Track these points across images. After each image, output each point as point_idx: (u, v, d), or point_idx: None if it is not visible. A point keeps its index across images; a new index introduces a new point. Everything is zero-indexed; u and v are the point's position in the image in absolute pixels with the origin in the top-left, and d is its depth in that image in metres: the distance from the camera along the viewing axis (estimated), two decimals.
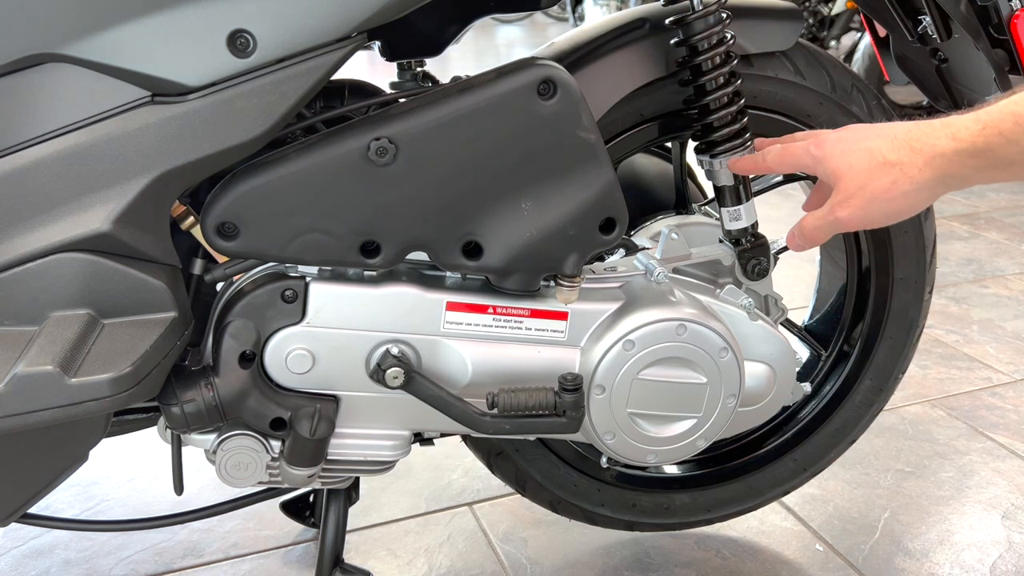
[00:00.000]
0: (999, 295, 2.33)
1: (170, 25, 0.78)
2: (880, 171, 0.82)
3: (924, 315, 1.25)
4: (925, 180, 0.80)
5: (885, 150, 0.82)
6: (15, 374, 0.74)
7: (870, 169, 0.83)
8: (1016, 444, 1.64)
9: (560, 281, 0.95)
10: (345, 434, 0.98)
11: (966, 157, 0.78)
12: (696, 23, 1.00)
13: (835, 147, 0.87)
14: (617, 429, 1.00)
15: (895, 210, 0.83)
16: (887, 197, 0.82)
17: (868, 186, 0.83)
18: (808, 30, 4.66)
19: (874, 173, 0.83)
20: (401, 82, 1.03)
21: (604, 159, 0.91)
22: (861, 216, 0.85)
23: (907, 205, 0.83)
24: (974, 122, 0.77)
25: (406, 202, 0.87)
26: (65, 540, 1.39)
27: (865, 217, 0.85)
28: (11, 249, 0.79)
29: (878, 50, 1.21)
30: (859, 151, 0.84)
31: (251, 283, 0.92)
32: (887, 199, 0.82)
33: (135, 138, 0.79)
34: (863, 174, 0.83)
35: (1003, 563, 1.34)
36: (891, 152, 0.82)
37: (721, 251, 1.09)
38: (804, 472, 1.31)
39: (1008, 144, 0.75)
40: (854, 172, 0.84)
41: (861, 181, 0.83)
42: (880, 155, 0.83)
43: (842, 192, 0.85)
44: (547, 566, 1.33)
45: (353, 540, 1.38)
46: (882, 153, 0.82)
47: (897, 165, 0.81)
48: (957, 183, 0.81)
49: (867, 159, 0.83)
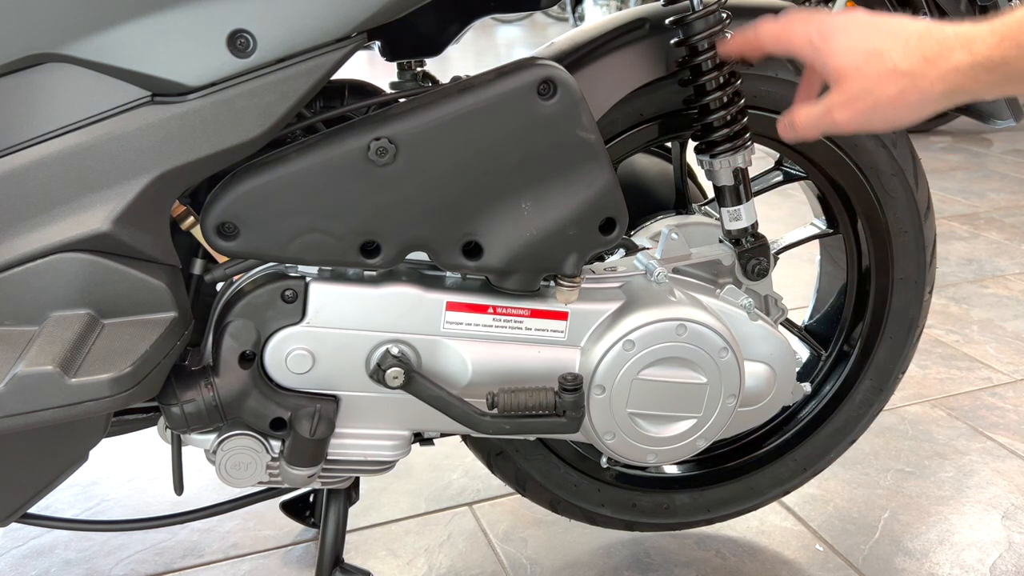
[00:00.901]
0: (999, 295, 2.33)
1: (170, 25, 0.78)
2: (889, 79, 0.78)
3: (924, 315, 1.25)
4: (935, 93, 0.77)
5: (896, 57, 0.77)
6: (15, 374, 0.74)
7: (878, 75, 0.78)
8: (1016, 444, 1.64)
9: (560, 281, 0.95)
10: (345, 434, 0.98)
11: (981, 71, 0.74)
12: (696, 23, 1.00)
13: (840, 41, 0.81)
14: (617, 429, 1.00)
15: (899, 118, 0.80)
16: (893, 106, 0.78)
17: (874, 92, 0.79)
18: None
19: (882, 79, 0.78)
20: (401, 82, 1.03)
21: (604, 159, 0.91)
22: (861, 121, 0.81)
23: (911, 115, 0.79)
24: (990, 34, 0.73)
25: (406, 202, 0.87)
26: (65, 540, 1.39)
27: (865, 123, 0.81)
28: (11, 249, 0.79)
29: None
30: (867, 52, 0.79)
31: (251, 283, 0.92)
32: (893, 107, 0.79)
33: (135, 138, 0.79)
34: (870, 79, 0.79)
35: (1003, 563, 1.34)
36: (903, 60, 0.77)
37: (721, 251, 1.09)
38: (804, 472, 1.31)
39: None
40: (860, 75, 0.79)
41: (867, 85, 0.79)
42: (891, 61, 0.78)
43: (844, 93, 0.81)
44: (547, 566, 1.33)
45: (353, 540, 1.38)
46: (893, 60, 0.78)
47: (908, 75, 0.77)
48: (967, 96, 0.77)
49: (876, 63, 0.78)
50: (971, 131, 4.08)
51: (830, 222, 1.24)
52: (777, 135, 1.13)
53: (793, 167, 1.21)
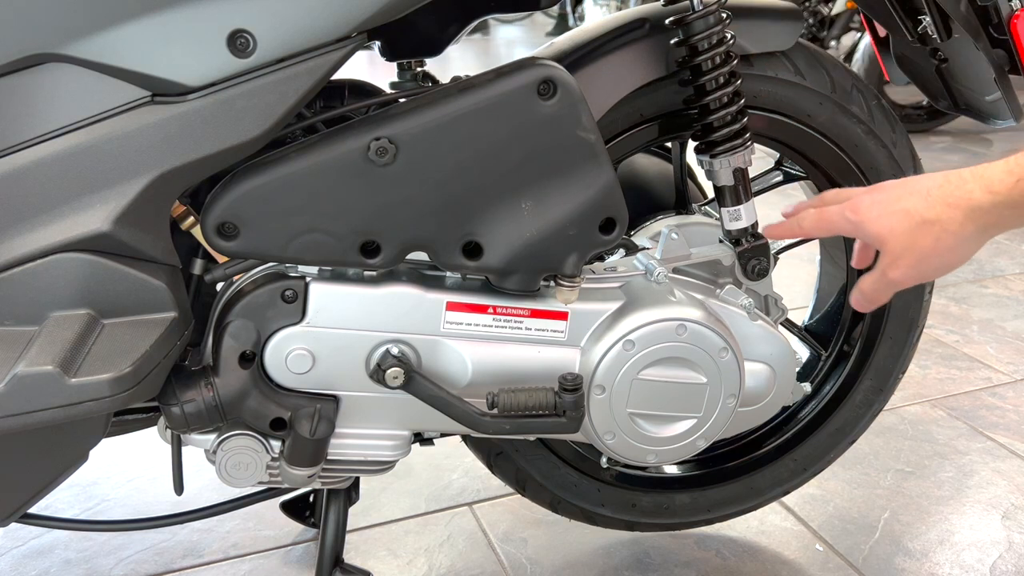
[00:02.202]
0: (999, 295, 2.33)
1: (170, 25, 0.78)
2: (921, 231, 0.83)
3: (924, 315, 1.25)
4: (968, 233, 0.81)
5: (922, 209, 0.83)
6: (15, 374, 0.74)
7: (911, 230, 0.83)
8: (1016, 444, 1.64)
9: (560, 281, 0.95)
10: (345, 434, 0.98)
11: (1004, 209, 0.78)
12: (696, 23, 1.00)
13: (871, 211, 0.87)
14: (617, 429, 1.00)
15: (946, 263, 0.84)
16: (935, 254, 0.83)
17: (913, 247, 0.84)
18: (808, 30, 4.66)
19: (916, 233, 0.83)
20: (401, 82, 1.03)
21: (604, 159, 0.91)
22: (915, 275, 0.86)
23: (957, 257, 0.83)
24: (1007, 174, 0.78)
25: (406, 202, 0.87)
26: (65, 540, 1.39)
27: (919, 275, 0.86)
28: (11, 249, 0.79)
29: (878, 50, 1.21)
30: (896, 213, 0.84)
31: (251, 283, 0.92)
32: (936, 255, 0.83)
33: (135, 138, 0.79)
34: (905, 235, 0.84)
35: (1003, 563, 1.34)
36: (928, 211, 0.82)
37: (721, 251, 1.09)
38: (804, 472, 1.31)
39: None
40: (896, 235, 0.84)
41: (905, 243, 0.84)
42: (918, 215, 0.83)
43: (890, 255, 0.86)
44: (547, 566, 1.33)
45: (353, 540, 1.38)
46: (919, 212, 0.83)
47: (937, 223, 0.82)
48: (999, 230, 0.82)
49: (905, 220, 0.84)
50: (971, 131, 4.08)
51: None
52: (778, 135, 1.14)
53: (793, 167, 1.21)
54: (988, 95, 1.08)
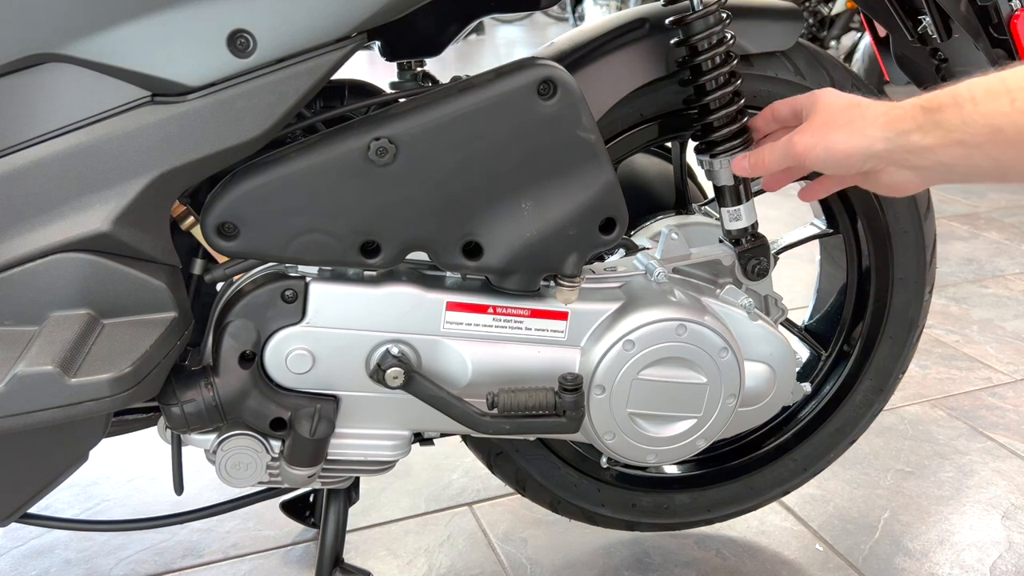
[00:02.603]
0: (999, 295, 2.33)
1: (170, 25, 0.78)
2: (847, 110, 0.84)
3: (924, 315, 1.25)
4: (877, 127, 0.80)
5: (862, 100, 0.84)
6: (15, 374, 0.74)
7: (840, 108, 0.85)
8: (1016, 444, 1.64)
9: (560, 281, 0.95)
10: (345, 434, 0.98)
11: (917, 110, 0.77)
12: (696, 23, 1.00)
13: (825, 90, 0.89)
14: (617, 429, 1.00)
15: (840, 147, 0.83)
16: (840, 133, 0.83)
17: (830, 121, 0.84)
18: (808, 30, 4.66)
19: (841, 111, 0.84)
20: (401, 82, 1.03)
21: (604, 159, 0.91)
22: (811, 144, 0.85)
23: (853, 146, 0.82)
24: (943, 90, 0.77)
25: (406, 202, 0.87)
26: (65, 540, 1.39)
27: (814, 147, 0.85)
28: (11, 249, 0.79)
29: (878, 50, 1.21)
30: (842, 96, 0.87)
31: (251, 283, 0.92)
32: (839, 135, 0.83)
33: (135, 138, 0.79)
34: (831, 110, 0.85)
35: (1003, 563, 1.34)
36: (865, 102, 0.84)
37: (721, 251, 1.09)
38: (804, 472, 1.31)
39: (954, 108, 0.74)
40: (826, 109, 0.86)
41: (826, 117, 0.85)
42: (855, 101, 0.85)
43: (807, 122, 0.87)
44: (547, 566, 1.33)
45: (353, 540, 1.38)
46: (857, 101, 0.85)
47: (863, 107, 0.83)
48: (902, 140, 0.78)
49: (843, 102, 0.86)
50: None
51: (830, 222, 1.24)
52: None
53: None
54: None
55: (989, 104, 0.72)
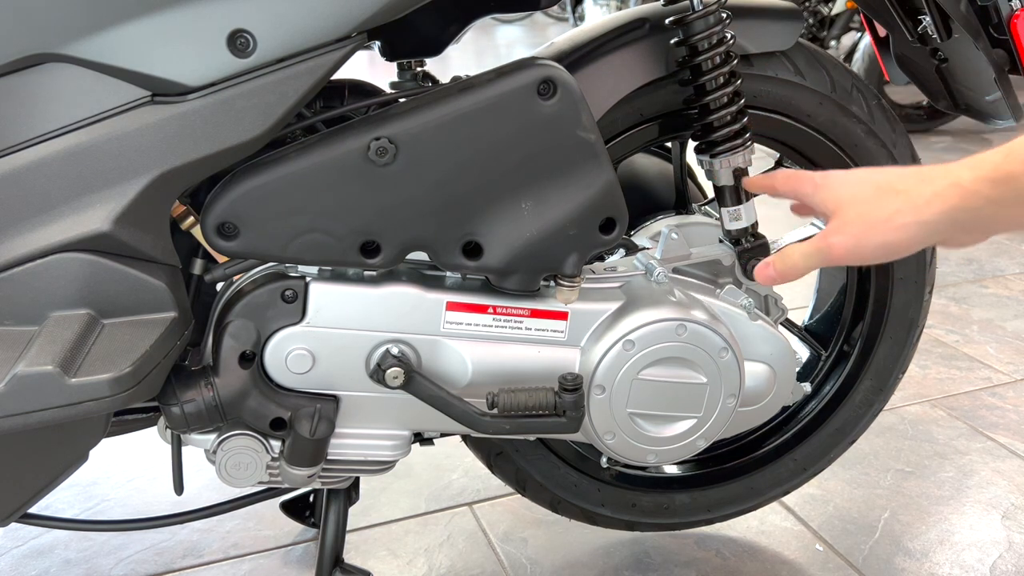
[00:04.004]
0: (999, 295, 2.33)
1: (170, 25, 0.78)
2: (884, 199, 0.75)
3: (924, 315, 1.25)
4: (931, 213, 0.72)
5: (893, 180, 0.76)
6: (15, 374, 0.74)
7: (873, 197, 0.77)
8: (1016, 444, 1.64)
9: (560, 281, 0.95)
10: (345, 434, 0.98)
11: (984, 184, 0.69)
12: (696, 23, 1.00)
13: (839, 178, 0.82)
14: (617, 429, 1.00)
15: (890, 243, 0.75)
16: (885, 227, 0.75)
17: (867, 215, 0.76)
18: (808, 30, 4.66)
19: (876, 201, 0.76)
20: (401, 82, 1.03)
21: (604, 159, 0.91)
22: (852, 245, 0.78)
23: (904, 239, 0.75)
24: (1000, 152, 0.70)
25: (406, 202, 0.87)
26: (65, 540, 1.39)
27: (857, 247, 0.78)
28: (11, 249, 0.79)
29: (878, 50, 1.21)
30: (865, 182, 0.78)
31: (251, 283, 0.92)
32: (884, 229, 0.75)
33: (135, 138, 0.79)
34: (864, 203, 0.77)
35: (1003, 563, 1.34)
36: (899, 182, 0.75)
37: (721, 251, 1.09)
38: (804, 472, 1.31)
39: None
40: (855, 201, 0.78)
41: (861, 210, 0.77)
42: (887, 185, 0.76)
43: (839, 219, 0.79)
44: (547, 566, 1.33)
45: (353, 540, 1.38)
46: (889, 183, 0.76)
47: (903, 194, 0.74)
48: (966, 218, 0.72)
49: (871, 189, 0.77)
50: (971, 131, 4.08)
51: None
52: (778, 135, 1.14)
53: (793, 167, 1.21)
54: (988, 95, 1.08)
55: None
